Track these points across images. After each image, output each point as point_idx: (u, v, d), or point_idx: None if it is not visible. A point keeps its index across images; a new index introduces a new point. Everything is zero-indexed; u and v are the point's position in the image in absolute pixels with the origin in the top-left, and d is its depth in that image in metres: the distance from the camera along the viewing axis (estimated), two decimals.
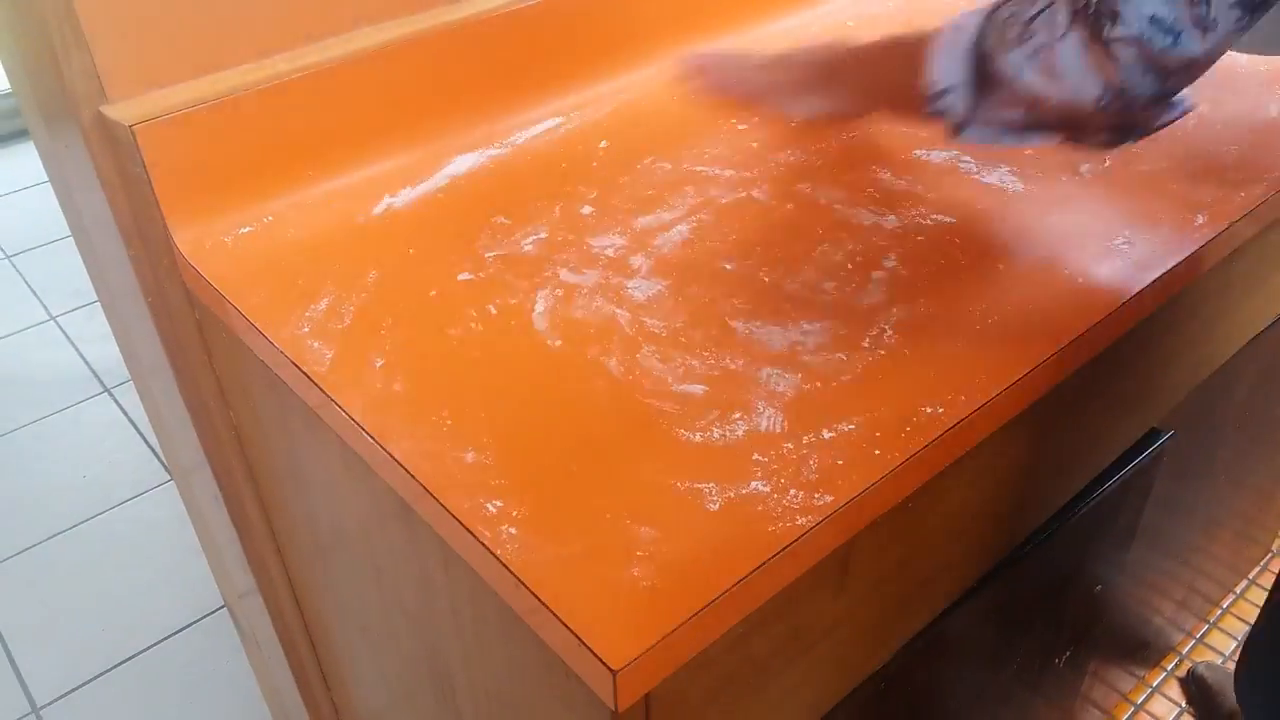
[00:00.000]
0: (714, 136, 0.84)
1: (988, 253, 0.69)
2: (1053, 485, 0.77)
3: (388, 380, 0.60)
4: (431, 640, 0.67)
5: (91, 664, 1.49)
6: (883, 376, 0.59)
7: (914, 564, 0.65)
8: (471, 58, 0.81)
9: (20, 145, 2.91)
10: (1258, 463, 1.23)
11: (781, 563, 0.49)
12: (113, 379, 2.03)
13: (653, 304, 0.65)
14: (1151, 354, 0.77)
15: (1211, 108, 0.83)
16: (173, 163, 0.69)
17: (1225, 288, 0.82)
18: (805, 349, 0.61)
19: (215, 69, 0.72)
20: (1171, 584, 1.24)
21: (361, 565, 0.72)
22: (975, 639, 0.80)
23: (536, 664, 0.52)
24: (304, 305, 0.66)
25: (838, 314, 0.63)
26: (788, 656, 0.58)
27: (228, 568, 0.99)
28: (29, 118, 0.81)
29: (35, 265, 2.42)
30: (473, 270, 0.69)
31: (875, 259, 0.68)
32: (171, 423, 0.88)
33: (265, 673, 1.14)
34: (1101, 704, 1.26)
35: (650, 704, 0.49)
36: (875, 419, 0.56)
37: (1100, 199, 0.73)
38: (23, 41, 0.70)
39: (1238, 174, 0.75)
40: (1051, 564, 0.83)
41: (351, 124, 0.77)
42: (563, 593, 0.47)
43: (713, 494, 0.52)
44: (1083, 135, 0.62)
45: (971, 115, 0.62)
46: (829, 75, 0.74)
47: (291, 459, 0.75)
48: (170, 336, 0.78)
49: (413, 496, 0.55)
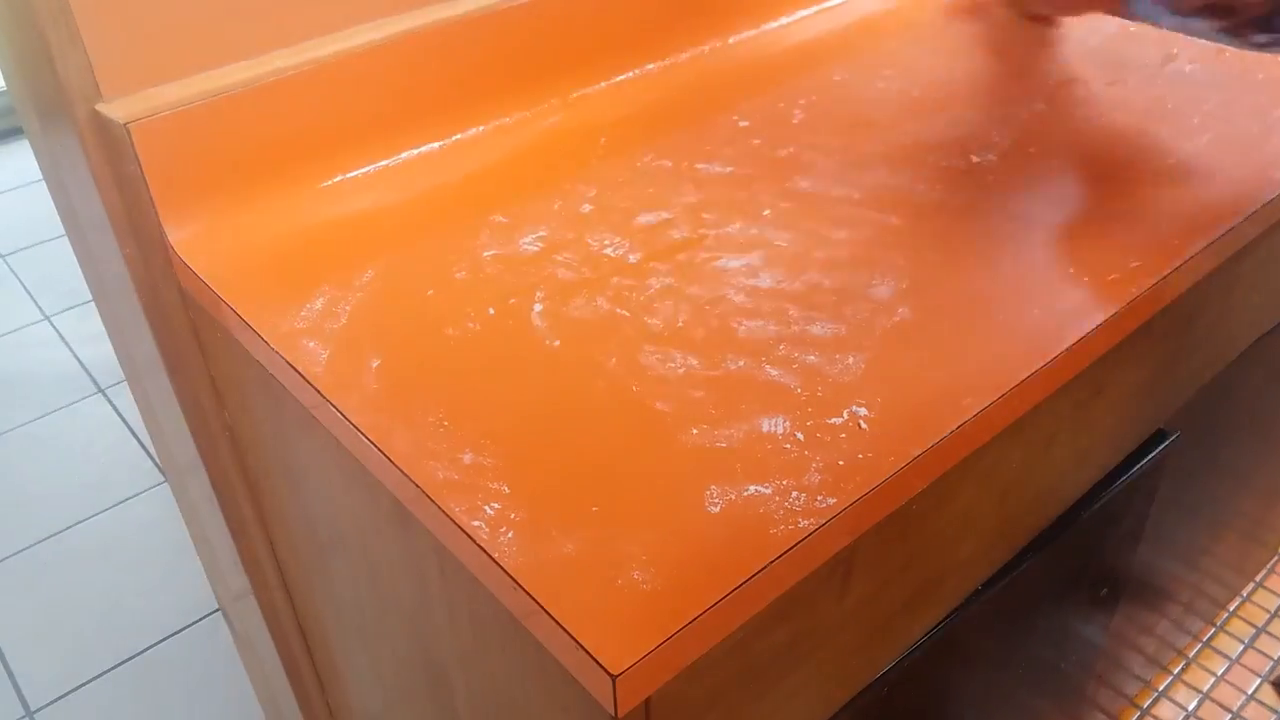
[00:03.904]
0: (715, 134, 0.84)
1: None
2: (1057, 487, 0.76)
3: (384, 380, 0.59)
4: (428, 643, 0.66)
5: (86, 666, 1.48)
6: (887, 377, 0.58)
7: (918, 567, 0.64)
8: (469, 55, 0.81)
9: (14, 143, 2.90)
10: (1264, 464, 1.23)
11: (784, 566, 0.48)
12: (107, 379, 2.03)
13: (653, 303, 0.65)
14: (1157, 354, 0.77)
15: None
16: (168, 161, 0.69)
17: (1231, 287, 0.81)
18: (807, 349, 0.60)
19: (211, 67, 0.71)
20: (1178, 587, 1.23)
21: (358, 567, 0.72)
22: (980, 643, 0.80)
23: (535, 668, 0.52)
24: (300, 305, 0.66)
25: (840, 314, 0.63)
26: (790, 660, 0.58)
27: (222, 569, 0.99)
28: (23, 115, 0.81)
29: (29, 264, 2.41)
30: (471, 269, 0.69)
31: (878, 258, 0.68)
32: (166, 423, 0.88)
33: (260, 675, 1.13)
34: (1107, 708, 1.25)
35: (650, 709, 0.48)
36: (879, 420, 0.55)
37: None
38: (17, 38, 0.70)
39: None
40: (1056, 567, 0.82)
41: (347, 122, 0.77)
42: (561, 596, 0.46)
43: (714, 496, 0.51)
44: (1242, 30, 0.61)
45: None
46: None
47: (287, 460, 0.75)
48: (165, 336, 0.77)
49: (409, 498, 0.54)
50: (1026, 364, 0.58)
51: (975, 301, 0.64)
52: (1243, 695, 1.36)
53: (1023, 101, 0.86)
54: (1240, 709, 1.34)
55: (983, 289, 0.65)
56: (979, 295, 0.64)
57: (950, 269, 0.67)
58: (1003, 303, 0.63)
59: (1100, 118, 0.83)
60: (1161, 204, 0.72)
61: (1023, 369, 0.58)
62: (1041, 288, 0.64)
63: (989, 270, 0.66)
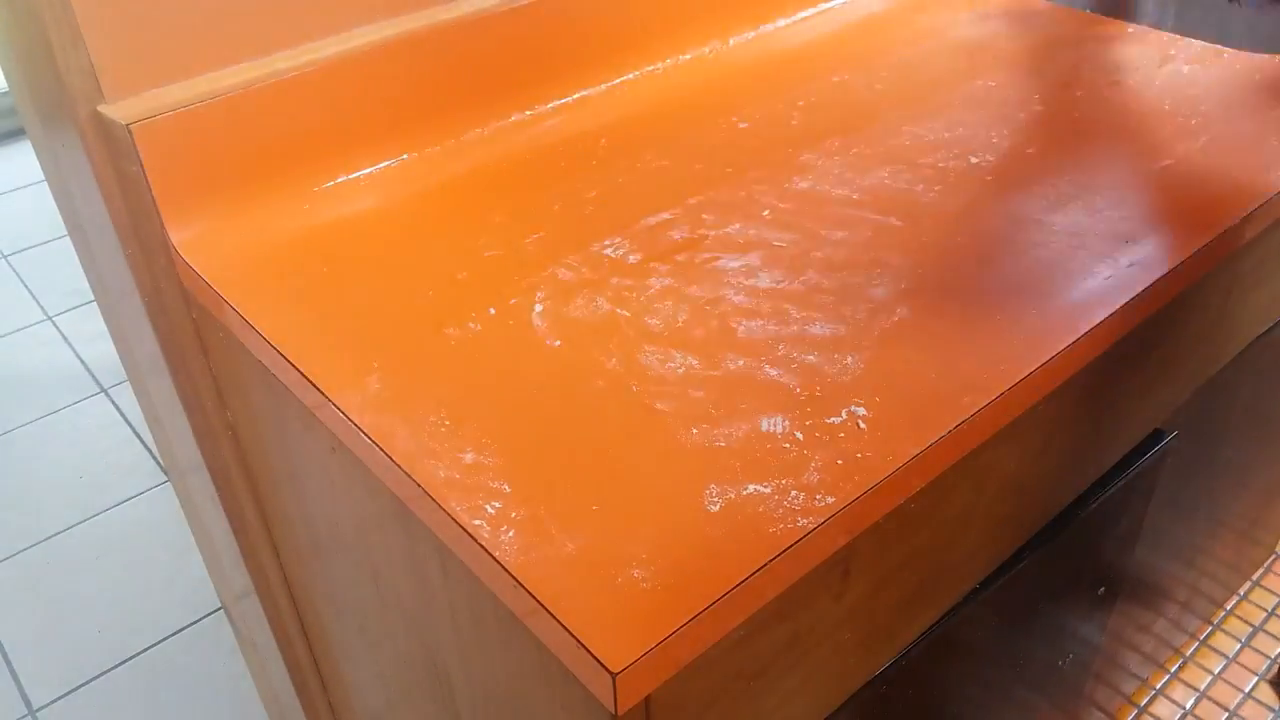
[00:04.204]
0: (715, 135, 0.84)
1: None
2: (1055, 487, 0.76)
3: (385, 380, 0.60)
4: (429, 642, 0.67)
5: (88, 666, 1.48)
6: (886, 376, 0.58)
7: (916, 566, 0.64)
8: (469, 56, 0.81)
9: (17, 144, 2.91)
10: (1261, 464, 1.23)
11: (783, 564, 0.49)
12: (109, 379, 2.03)
13: (653, 303, 0.65)
14: (1154, 355, 0.77)
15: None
16: (170, 162, 0.69)
17: (1228, 287, 0.81)
18: (807, 348, 0.60)
19: (213, 68, 0.72)
20: (1175, 585, 1.23)
21: (359, 566, 0.72)
22: (978, 641, 0.80)
23: (535, 666, 0.52)
24: (301, 304, 0.66)
25: (839, 314, 0.63)
26: (789, 659, 0.58)
27: (224, 569, 0.99)
28: (25, 116, 0.81)
29: (32, 265, 2.42)
30: (471, 270, 0.69)
31: (876, 259, 0.68)
32: (168, 423, 0.88)
33: (262, 674, 1.13)
34: (1105, 706, 1.25)
35: (650, 706, 0.48)
36: (877, 419, 0.55)
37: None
38: (19, 39, 0.70)
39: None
40: (1054, 566, 0.82)
41: (349, 123, 0.77)
42: (562, 594, 0.46)
43: (713, 495, 0.51)
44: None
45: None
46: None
47: (288, 459, 0.75)
48: (167, 336, 0.78)
49: (410, 497, 0.54)
50: (1024, 364, 0.59)
51: (974, 301, 0.64)
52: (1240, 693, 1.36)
53: (1022, 102, 0.87)
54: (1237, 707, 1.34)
55: (981, 289, 0.65)
56: (978, 295, 0.64)
57: (949, 269, 0.67)
58: (1001, 303, 0.64)
59: (1099, 118, 0.84)
60: (1159, 204, 0.72)
61: (1020, 368, 0.58)
62: (1040, 288, 0.65)
63: (988, 270, 0.67)
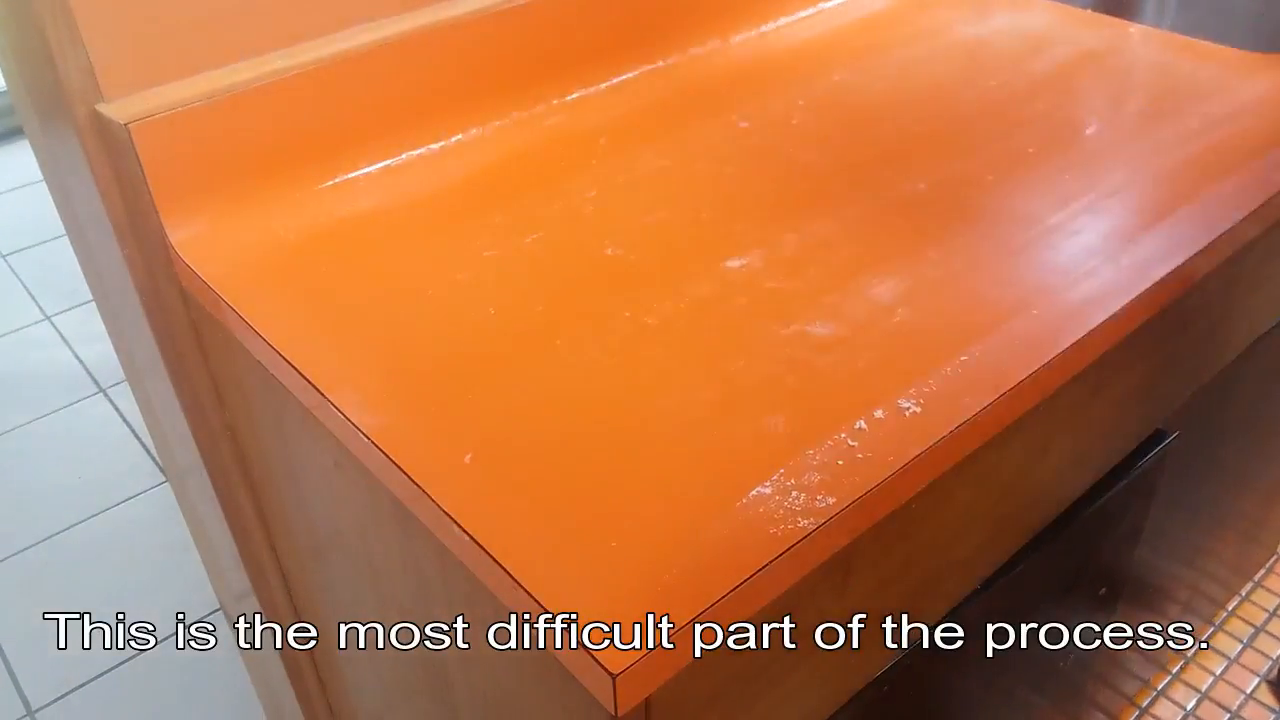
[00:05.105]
0: (715, 134, 0.84)
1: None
2: (1057, 487, 0.76)
3: (384, 380, 0.59)
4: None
5: (87, 666, 1.48)
6: (886, 376, 0.58)
7: (917, 566, 0.64)
8: (469, 55, 0.81)
9: (15, 143, 2.90)
10: (1263, 464, 1.23)
11: (784, 565, 0.49)
12: (108, 379, 2.03)
13: (653, 303, 0.65)
14: (1156, 355, 0.77)
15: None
16: (168, 161, 0.69)
17: (1229, 287, 0.81)
18: (807, 348, 0.60)
19: (212, 66, 0.71)
20: (1176, 586, 1.23)
21: (358, 566, 0.72)
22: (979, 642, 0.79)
23: (535, 667, 0.52)
24: (300, 304, 0.66)
25: (840, 314, 0.63)
26: (790, 659, 0.58)
27: (223, 569, 0.99)
28: (24, 115, 0.81)
29: (30, 264, 2.41)
30: (471, 269, 0.69)
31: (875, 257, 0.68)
32: (167, 423, 0.88)
33: (261, 674, 1.13)
34: (1107, 708, 1.25)
35: (650, 708, 0.48)
36: (878, 419, 0.55)
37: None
38: (18, 38, 0.70)
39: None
40: (1055, 566, 0.82)
41: (348, 122, 0.77)
42: (562, 595, 0.46)
43: (714, 496, 0.51)
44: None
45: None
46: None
47: (287, 459, 0.75)
48: (165, 336, 0.77)
49: (409, 497, 0.54)
50: (1025, 364, 0.58)
51: (975, 301, 0.64)
52: (1241, 694, 1.36)
53: (1021, 102, 0.86)
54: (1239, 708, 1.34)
55: (982, 289, 0.65)
56: (978, 295, 0.64)
57: (950, 269, 0.67)
58: (1001, 303, 0.63)
59: (1100, 117, 0.84)
60: (1160, 204, 0.72)
61: (1021, 369, 0.58)
62: (1040, 288, 0.65)
63: (988, 270, 0.67)
